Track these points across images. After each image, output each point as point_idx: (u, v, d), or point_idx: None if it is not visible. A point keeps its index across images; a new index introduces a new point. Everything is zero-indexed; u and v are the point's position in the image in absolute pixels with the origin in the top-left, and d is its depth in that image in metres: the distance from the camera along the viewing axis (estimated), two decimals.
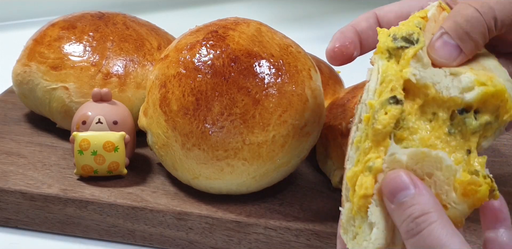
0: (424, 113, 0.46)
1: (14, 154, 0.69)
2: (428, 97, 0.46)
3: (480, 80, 0.45)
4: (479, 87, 0.45)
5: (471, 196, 0.43)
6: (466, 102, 0.45)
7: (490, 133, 0.46)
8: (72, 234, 0.64)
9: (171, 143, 0.61)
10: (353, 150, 0.46)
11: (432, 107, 0.46)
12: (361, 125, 0.46)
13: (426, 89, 0.46)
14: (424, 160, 0.43)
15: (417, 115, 0.46)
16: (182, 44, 0.63)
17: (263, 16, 0.82)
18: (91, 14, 0.77)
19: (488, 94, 0.45)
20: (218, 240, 0.61)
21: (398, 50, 0.47)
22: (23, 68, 0.73)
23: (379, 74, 0.46)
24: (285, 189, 0.64)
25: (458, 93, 0.46)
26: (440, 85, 0.46)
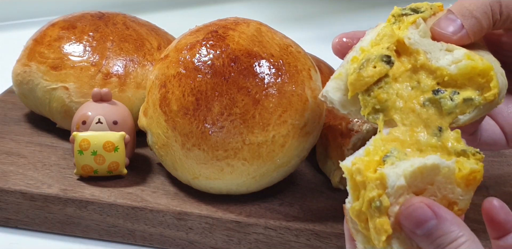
0: (410, 79, 0.48)
1: (14, 154, 0.69)
2: (418, 63, 0.48)
3: (471, 56, 0.47)
4: (467, 60, 0.46)
5: (473, 182, 0.44)
6: (450, 74, 0.46)
7: (470, 109, 0.47)
8: (72, 234, 0.64)
9: (171, 143, 0.61)
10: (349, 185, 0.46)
11: (418, 75, 0.48)
12: (347, 64, 0.49)
13: (417, 55, 0.48)
14: (423, 173, 0.43)
15: (402, 79, 0.48)
16: (182, 44, 0.63)
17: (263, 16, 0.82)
18: (91, 14, 0.77)
19: (474, 68, 0.46)
20: (218, 240, 0.61)
21: (402, 17, 0.50)
22: (23, 68, 0.73)
23: (377, 31, 0.49)
24: (285, 189, 0.64)
25: (446, 64, 0.47)
26: (432, 55, 0.48)
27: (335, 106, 0.50)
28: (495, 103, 0.47)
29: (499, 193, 0.64)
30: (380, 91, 0.48)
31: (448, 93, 0.47)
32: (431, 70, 0.47)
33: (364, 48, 0.49)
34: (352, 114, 0.50)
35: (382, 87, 0.48)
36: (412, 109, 0.47)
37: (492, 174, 0.68)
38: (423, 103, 0.47)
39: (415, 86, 0.48)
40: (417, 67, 0.48)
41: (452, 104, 0.46)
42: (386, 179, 0.43)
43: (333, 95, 0.50)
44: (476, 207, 0.62)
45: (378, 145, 0.46)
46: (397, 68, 0.48)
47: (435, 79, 0.47)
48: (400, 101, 0.47)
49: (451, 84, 0.47)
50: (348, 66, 0.49)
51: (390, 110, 0.48)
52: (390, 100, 0.48)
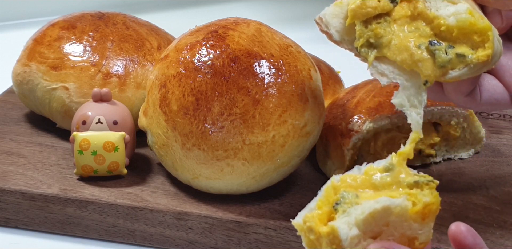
0: (408, 24, 0.48)
1: (14, 154, 0.69)
2: (416, 10, 0.47)
3: (473, 12, 0.46)
4: (467, 15, 0.46)
5: (430, 214, 0.43)
6: (448, 25, 0.46)
7: (461, 66, 0.46)
8: (72, 234, 0.64)
9: (171, 143, 0.61)
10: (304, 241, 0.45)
11: (416, 22, 0.48)
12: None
13: (416, 2, 0.47)
14: (375, 218, 0.42)
15: (401, 22, 0.47)
16: (182, 44, 0.63)
17: (263, 16, 0.82)
18: (91, 14, 0.77)
19: (472, 25, 0.45)
20: (218, 240, 0.61)
21: None
22: (23, 68, 0.73)
23: None
24: (285, 189, 0.64)
25: (445, 15, 0.46)
26: (431, 4, 0.47)
27: (330, 30, 0.49)
28: (486, 65, 0.46)
29: (499, 193, 0.64)
30: (378, 26, 0.47)
31: (444, 46, 0.46)
32: (429, 18, 0.47)
33: None
34: (344, 43, 0.50)
35: (381, 23, 0.48)
36: (406, 47, 0.47)
37: (492, 174, 0.68)
38: (419, 46, 0.47)
39: (412, 31, 0.47)
40: (415, 15, 0.47)
41: (446, 58, 0.46)
42: (338, 232, 0.42)
43: (330, 20, 0.49)
44: (476, 206, 0.62)
45: (329, 194, 0.45)
46: (398, 11, 0.48)
47: (432, 29, 0.47)
48: (395, 40, 0.47)
49: (447, 37, 0.47)
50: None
51: (383, 48, 0.47)
52: (386, 38, 0.47)
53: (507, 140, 0.75)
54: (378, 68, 0.48)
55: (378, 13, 0.48)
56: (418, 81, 0.47)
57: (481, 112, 0.80)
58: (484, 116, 0.80)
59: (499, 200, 0.63)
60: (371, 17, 0.48)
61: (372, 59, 0.48)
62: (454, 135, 0.69)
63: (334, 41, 0.50)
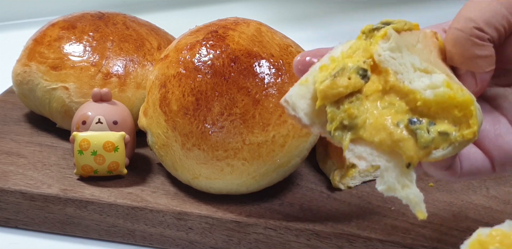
0: (381, 99, 0.44)
1: (14, 154, 0.69)
2: (387, 84, 0.43)
3: (451, 84, 0.42)
4: (445, 88, 0.42)
5: None
6: (425, 100, 0.42)
7: (445, 145, 0.42)
8: (72, 234, 0.64)
9: (171, 143, 0.61)
10: None
11: (389, 97, 0.43)
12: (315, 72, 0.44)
13: (387, 75, 0.43)
14: None
15: (373, 98, 0.43)
16: (182, 44, 0.63)
17: (263, 16, 0.82)
18: (91, 14, 0.77)
19: (451, 99, 0.42)
20: (218, 240, 0.61)
21: (373, 32, 0.45)
22: (23, 68, 0.73)
23: (349, 44, 0.45)
24: (285, 189, 0.64)
25: (420, 88, 0.42)
26: (404, 76, 0.43)
27: (298, 114, 0.44)
28: (471, 141, 0.43)
29: (499, 193, 0.64)
30: (351, 106, 0.43)
31: (425, 125, 0.42)
32: (403, 92, 0.43)
33: (335, 58, 0.44)
34: (315, 126, 0.44)
35: (353, 102, 0.43)
36: (384, 126, 0.43)
37: None
38: (397, 124, 0.42)
39: (387, 107, 0.43)
40: (387, 89, 0.43)
41: (428, 137, 0.42)
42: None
43: (297, 102, 0.44)
44: (476, 206, 0.62)
45: None
46: (369, 86, 0.44)
47: (408, 104, 0.43)
48: (370, 119, 0.43)
49: (425, 111, 0.42)
50: (316, 74, 0.44)
51: (359, 129, 0.43)
52: (360, 118, 0.43)
53: None
54: (355, 151, 0.43)
55: (349, 92, 0.43)
56: (400, 161, 0.43)
57: None
58: None
59: (499, 200, 0.63)
60: (342, 97, 0.43)
61: (347, 143, 0.43)
62: None
63: (304, 125, 0.44)
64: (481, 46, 0.44)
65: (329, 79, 0.43)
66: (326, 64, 0.44)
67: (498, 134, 0.47)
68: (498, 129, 0.47)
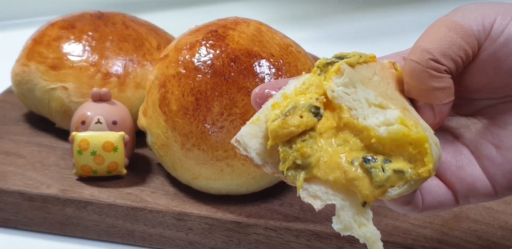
0: (336, 136, 0.43)
1: (13, 154, 0.69)
2: (342, 121, 0.42)
3: (405, 121, 0.41)
4: (399, 125, 0.41)
5: None
6: (379, 137, 0.41)
7: (400, 183, 0.41)
8: (71, 234, 0.63)
9: (170, 143, 0.61)
10: None
11: (344, 133, 0.43)
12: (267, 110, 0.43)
13: (341, 112, 0.43)
14: None
15: (327, 135, 0.43)
16: (181, 44, 0.63)
17: (263, 16, 0.81)
18: (91, 13, 0.76)
19: (405, 136, 0.41)
20: (217, 241, 0.60)
21: (327, 67, 0.44)
22: (22, 68, 0.73)
23: (302, 80, 0.44)
24: (285, 189, 0.64)
25: (374, 125, 0.42)
26: (358, 112, 0.42)
27: (250, 155, 0.43)
28: (428, 178, 0.42)
29: None
30: (303, 145, 0.42)
31: (379, 163, 0.41)
32: (357, 129, 0.42)
33: (288, 95, 0.43)
34: (267, 166, 0.43)
35: (306, 140, 0.42)
36: (338, 165, 0.42)
37: None
38: (351, 162, 0.42)
39: (341, 144, 0.42)
40: (341, 126, 0.43)
41: (383, 176, 0.41)
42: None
43: (249, 142, 0.43)
44: (477, 207, 0.62)
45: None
46: (323, 123, 0.43)
47: (362, 141, 0.42)
48: (324, 157, 0.42)
49: (379, 148, 0.42)
50: (268, 112, 0.43)
51: (312, 168, 0.42)
52: (314, 157, 0.42)
53: None
54: (309, 190, 0.42)
55: (302, 130, 0.42)
56: (356, 199, 0.42)
57: None
58: None
59: (500, 200, 0.63)
60: (295, 136, 0.42)
61: (301, 183, 0.42)
62: None
63: (256, 165, 0.43)
64: (438, 78, 0.43)
65: (280, 118, 0.42)
66: (278, 102, 0.43)
67: (460, 166, 0.46)
68: (460, 160, 0.46)
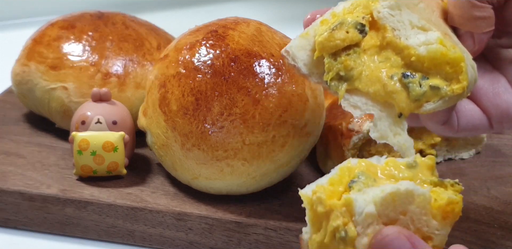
0: (378, 54, 0.46)
1: (13, 154, 0.69)
2: (385, 40, 0.46)
3: (444, 41, 0.44)
4: (438, 45, 0.44)
5: (451, 215, 0.41)
6: (418, 55, 0.44)
7: (435, 99, 0.45)
8: (71, 234, 0.63)
9: (170, 143, 0.61)
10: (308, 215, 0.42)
11: (386, 52, 0.46)
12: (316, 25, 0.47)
13: (385, 32, 0.46)
14: (395, 200, 0.40)
15: (371, 52, 0.46)
16: (181, 44, 0.63)
17: (263, 16, 0.81)
18: (91, 13, 0.76)
19: (443, 55, 0.44)
20: (217, 241, 0.60)
21: None
22: (22, 68, 0.73)
23: (351, 1, 0.47)
24: (285, 189, 0.64)
25: (415, 44, 0.45)
26: (401, 32, 0.45)
27: (297, 64, 0.48)
28: (462, 96, 0.45)
29: (500, 194, 0.64)
30: (347, 58, 0.46)
31: (417, 79, 0.45)
32: (399, 48, 0.45)
33: (336, 13, 0.47)
34: (313, 76, 0.48)
35: (350, 54, 0.46)
36: (378, 78, 0.45)
37: (493, 174, 0.68)
38: (391, 77, 0.45)
39: (383, 61, 0.46)
40: (384, 45, 0.46)
41: (420, 91, 0.44)
42: (353, 205, 0.39)
43: (297, 53, 0.47)
44: (477, 207, 0.62)
45: (343, 174, 0.42)
46: (367, 41, 0.46)
47: (403, 59, 0.45)
48: (366, 71, 0.46)
49: (418, 66, 0.45)
50: (317, 28, 0.47)
51: (354, 80, 0.46)
52: (356, 70, 0.46)
53: (508, 140, 0.75)
54: (350, 100, 0.46)
55: (347, 44, 0.46)
56: (393, 111, 0.45)
57: None
58: None
59: (500, 200, 0.63)
60: (340, 49, 0.46)
61: (343, 93, 0.46)
62: None
63: (302, 74, 0.48)
64: (480, 7, 0.46)
65: (327, 32, 0.45)
66: (327, 19, 0.46)
67: (496, 93, 0.49)
68: (497, 88, 0.49)
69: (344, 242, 0.39)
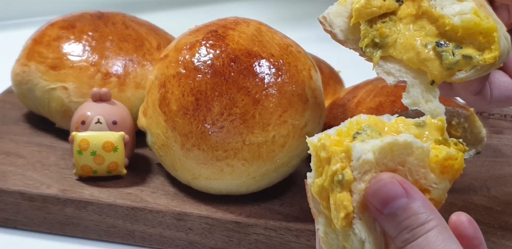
0: (414, 23, 0.47)
1: (13, 154, 0.69)
2: (420, 9, 0.47)
3: (478, 12, 0.45)
4: (472, 15, 0.45)
5: (450, 170, 0.41)
6: (453, 25, 0.45)
7: (468, 67, 0.46)
8: (71, 234, 0.63)
9: (170, 143, 0.61)
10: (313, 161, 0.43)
11: (421, 21, 0.47)
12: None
13: (420, 1, 0.47)
14: (393, 150, 0.40)
15: (406, 21, 0.47)
16: (181, 44, 0.63)
17: (263, 16, 0.81)
18: (91, 13, 0.76)
19: (477, 25, 0.45)
20: (217, 241, 0.60)
21: None
22: (22, 68, 0.73)
23: None
24: (285, 189, 0.64)
25: (450, 14, 0.46)
26: (437, 2, 0.47)
27: (334, 30, 0.49)
28: (494, 66, 0.46)
29: (500, 194, 0.64)
30: (383, 25, 0.47)
31: (451, 48, 0.46)
32: (433, 17, 0.47)
33: None
34: (348, 42, 0.49)
35: (386, 22, 0.47)
36: (412, 46, 0.46)
37: (493, 174, 0.68)
38: (425, 45, 0.46)
39: (418, 30, 0.47)
40: (420, 14, 0.47)
41: (453, 59, 0.46)
42: (352, 151, 0.40)
43: (334, 19, 0.49)
44: (477, 207, 0.62)
45: (352, 126, 0.43)
46: (403, 10, 0.48)
47: (438, 28, 0.47)
48: (401, 39, 0.47)
49: (453, 36, 0.46)
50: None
51: (389, 48, 0.47)
52: (391, 38, 0.47)
53: (508, 140, 0.75)
54: (384, 67, 0.48)
55: (383, 12, 0.47)
56: (426, 78, 0.47)
57: (482, 112, 0.80)
58: (485, 117, 0.79)
59: (500, 201, 0.63)
60: (376, 17, 0.48)
61: (377, 59, 0.48)
62: (455, 135, 0.69)
63: (338, 40, 0.50)
64: None
65: None
66: None
67: None
68: None
69: (341, 185, 0.40)
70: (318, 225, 0.43)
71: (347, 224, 0.41)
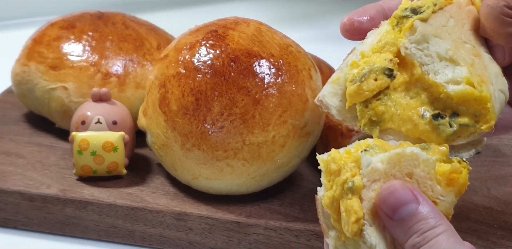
0: (408, 90, 0.47)
1: (13, 154, 0.69)
2: (414, 76, 0.46)
3: (471, 80, 0.45)
4: (465, 86, 0.45)
5: (455, 184, 0.43)
6: (447, 93, 0.45)
7: (465, 135, 0.46)
8: (71, 234, 0.63)
9: (170, 143, 0.61)
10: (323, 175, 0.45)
11: (416, 87, 0.47)
12: (346, 68, 0.48)
13: (413, 68, 0.46)
14: (401, 161, 0.42)
15: (401, 89, 0.47)
16: (181, 44, 0.63)
17: (263, 16, 0.81)
18: (91, 13, 0.76)
19: (470, 96, 0.45)
20: (218, 241, 0.60)
21: (403, 19, 0.48)
22: (22, 68, 0.73)
23: (379, 35, 0.48)
24: (285, 189, 0.64)
25: (443, 81, 0.45)
26: (429, 67, 0.46)
27: (331, 112, 0.49)
28: (490, 132, 0.47)
29: (500, 194, 0.64)
30: (378, 104, 0.47)
31: (447, 120, 0.46)
32: (428, 84, 0.46)
33: (365, 54, 0.48)
34: (347, 120, 0.49)
35: (380, 99, 0.47)
36: (410, 118, 0.46)
37: (493, 174, 0.68)
38: (422, 115, 0.46)
39: (414, 97, 0.47)
40: (413, 80, 0.47)
41: (450, 131, 0.46)
42: (361, 159, 0.42)
43: (330, 101, 0.49)
44: (477, 207, 0.62)
45: (360, 147, 0.44)
46: (397, 79, 0.47)
47: (432, 94, 0.46)
48: (398, 109, 0.47)
49: (448, 102, 0.46)
50: (347, 71, 0.48)
51: (387, 122, 0.47)
52: (388, 113, 0.47)
53: (508, 140, 0.75)
54: (384, 139, 0.47)
55: (376, 92, 0.47)
56: None
57: None
58: None
59: (500, 200, 0.63)
60: (370, 97, 0.47)
61: (377, 134, 0.47)
62: None
63: (336, 120, 0.49)
64: (511, 24, 0.46)
65: (356, 84, 0.46)
66: (356, 61, 0.47)
67: None
68: None
69: (352, 192, 0.42)
70: (328, 240, 0.44)
71: (357, 231, 0.42)
